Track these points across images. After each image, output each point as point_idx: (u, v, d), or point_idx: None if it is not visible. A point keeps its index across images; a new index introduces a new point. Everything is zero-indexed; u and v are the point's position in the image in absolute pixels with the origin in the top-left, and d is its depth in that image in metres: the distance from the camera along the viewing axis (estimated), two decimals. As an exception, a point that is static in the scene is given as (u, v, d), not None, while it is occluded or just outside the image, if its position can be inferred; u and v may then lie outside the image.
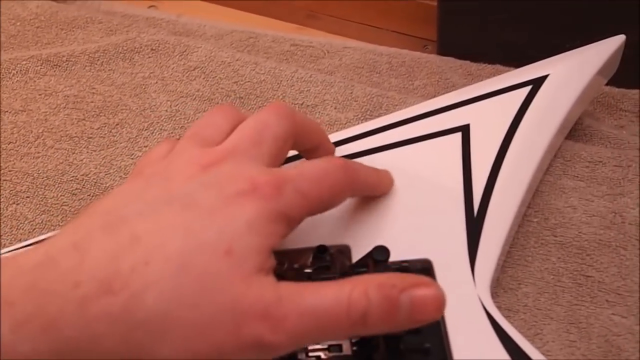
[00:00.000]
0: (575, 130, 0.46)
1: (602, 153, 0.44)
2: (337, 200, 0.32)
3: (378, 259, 0.32)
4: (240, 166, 0.29)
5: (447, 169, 0.38)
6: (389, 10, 0.61)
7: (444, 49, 0.56)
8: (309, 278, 0.33)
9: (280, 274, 0.34)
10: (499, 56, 0.53)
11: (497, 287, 0.38)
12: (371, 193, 0.37)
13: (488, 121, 0.40)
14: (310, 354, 0.31)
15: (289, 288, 0.27)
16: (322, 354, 0.31)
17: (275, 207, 0.28)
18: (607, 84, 0.47)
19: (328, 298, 0.26)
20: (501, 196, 0.37)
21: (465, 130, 0.40)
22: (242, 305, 0.26)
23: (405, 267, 0.34)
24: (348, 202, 0.37)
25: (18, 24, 0.58)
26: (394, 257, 0.32)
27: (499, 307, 0.37)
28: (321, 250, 0.34)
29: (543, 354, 0.32)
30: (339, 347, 0.32)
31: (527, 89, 0.42)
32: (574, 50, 0.45)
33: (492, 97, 0.42)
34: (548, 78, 0.42)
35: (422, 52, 0.56)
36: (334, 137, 0.41)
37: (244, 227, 0.27)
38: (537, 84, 0.42)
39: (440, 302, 0.26)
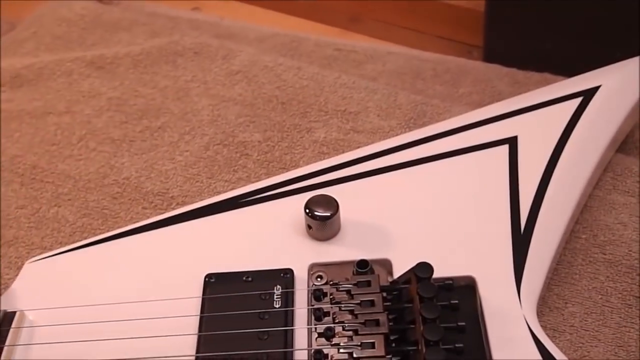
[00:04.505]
0: (626, 143, 0.44)
1: (655, 168, 0.42)
2: None
3: (421, 276, 0.31)
4: None
5: (493, 182, 0.37)
6: (434, 15, 0.60)
7: (490, 56, 0.55)
8: (348, 293, 0.32)
9: (318, 289, 0.33)
10: (546, 64, 0.52)
11: (543, 306, 0.37)
12: None
13: (536, 133, 0.39)
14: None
15: None
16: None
17: None
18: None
19: None
20: (549, 212, 0.36)
21: (512, 142, 0.39)
22: None
23: (449, 284, 0.33)
24: (389, 215, 0.36)
25: (63, 24, 0.58)
26: (437, 273, 0.32)
27: (544, 327, 0.35)
28: (362, 264, 0.33)
29: (590, 379, 0.31)
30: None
31: (578, 100, 0.41)
32: (626, 61, 0.43)
33: (541, 109, 0.41)
34: (600, 89, 0.41)
35: (467, 59, 0.55)
36: (377, 147, 0.40)
37: None
38: (588, 95, 0.41)
39: None
